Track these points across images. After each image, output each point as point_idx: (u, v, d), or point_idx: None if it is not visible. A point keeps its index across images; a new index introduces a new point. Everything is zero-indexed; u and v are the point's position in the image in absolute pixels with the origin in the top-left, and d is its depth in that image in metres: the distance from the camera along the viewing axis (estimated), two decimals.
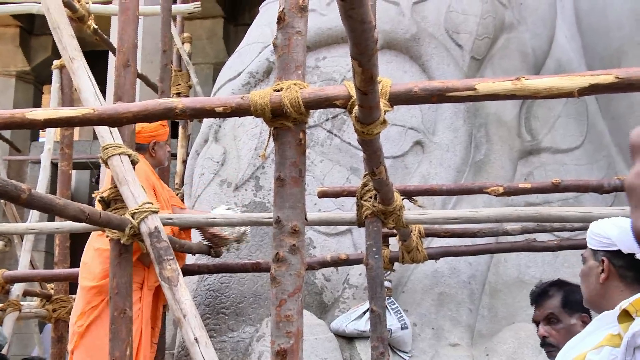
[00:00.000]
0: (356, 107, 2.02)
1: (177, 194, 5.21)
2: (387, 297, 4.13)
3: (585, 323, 2.82)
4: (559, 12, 5.57)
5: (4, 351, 4.46)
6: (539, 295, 2.92)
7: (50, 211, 2.61)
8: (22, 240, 5.58)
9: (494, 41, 5.07)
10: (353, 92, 2.00)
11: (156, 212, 3.14)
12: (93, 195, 3.35)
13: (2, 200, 6.77)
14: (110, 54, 7.25)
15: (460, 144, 4.76)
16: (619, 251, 2.10)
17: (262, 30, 5.17)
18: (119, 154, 3.18)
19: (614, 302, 1.95)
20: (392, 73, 4.71)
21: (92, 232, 3.94)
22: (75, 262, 5.50)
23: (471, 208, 4.25)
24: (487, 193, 3.81)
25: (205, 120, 5.21)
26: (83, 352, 3.81)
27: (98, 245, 3.97)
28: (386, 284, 3.98)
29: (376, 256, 3.18)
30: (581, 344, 2.01)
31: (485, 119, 4.88)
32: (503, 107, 4.93)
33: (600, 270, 2.12)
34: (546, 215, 3.67)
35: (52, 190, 5.72)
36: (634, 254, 2.07)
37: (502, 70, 4.99)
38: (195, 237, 4.52)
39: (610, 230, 2.15)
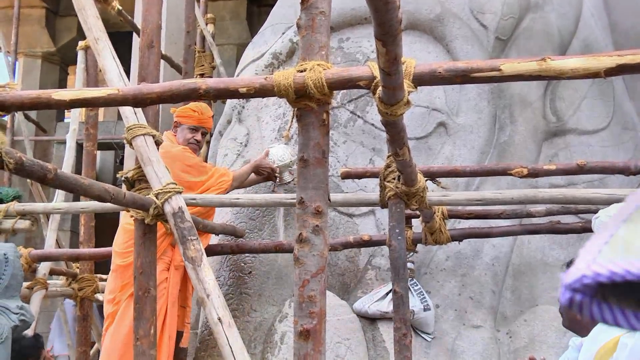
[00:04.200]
0: (380, 88, 2.01)
1: None
2: (410, 279, 4.13)
3: None
4: None
5: (30, 329, 4.54)
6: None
7: (76, 191, 2.64)
8: (48, 220, 5.66)
9: (519, 21, 5.01)
10: (377, 73, 1.99)
11: (180, 193, 3.16)
12: (118, 175, 3.38)
13: (28, 180, 6.84)
14: (135, 35, 7.27)
15: (484, 125, 4.72)
16: None
17: (285, 10, 5.15)
18: (143, 135, 3.19)
19: None
20: (415, 54, 4.68)
21: (123, 212, 3.99)
22: (99, 241, 5.57)
23: (495, 190, 4.23)
24: (511, 174, 3.78)
25: (228, 101, 5.22)
26: (115, 331, 3.87)
27: (124, 222, 4.03)
28: (409, 265, 3.98)
29: (399, 237, 3.18)
30: (612, 328, 1.99)
31: (510, 100, 4.84)
32: (528, 88, 4.88)
33: None
34: (571, 197, 3.64)
35: (77, 170, 5.77)
36: None
37: (527, 50, 4.93)
38: (218, 217, 4.55)
39: None
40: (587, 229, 4.03)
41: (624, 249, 0.75)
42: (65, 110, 11.42)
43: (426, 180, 3.41)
